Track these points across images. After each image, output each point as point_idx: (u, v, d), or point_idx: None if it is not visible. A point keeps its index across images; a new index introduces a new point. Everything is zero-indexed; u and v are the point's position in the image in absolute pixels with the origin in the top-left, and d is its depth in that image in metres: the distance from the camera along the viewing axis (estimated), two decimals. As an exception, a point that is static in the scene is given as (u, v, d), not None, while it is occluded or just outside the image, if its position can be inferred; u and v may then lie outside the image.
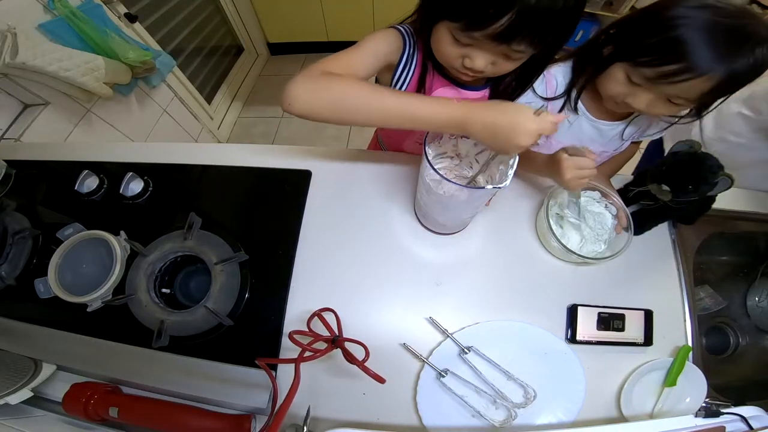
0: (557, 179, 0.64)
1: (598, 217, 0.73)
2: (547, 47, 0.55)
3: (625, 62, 0.58)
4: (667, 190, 0.61)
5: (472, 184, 0.57)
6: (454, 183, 0.51)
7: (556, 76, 0.69)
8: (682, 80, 0.51)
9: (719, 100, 0.57)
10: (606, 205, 0.73)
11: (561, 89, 0.70)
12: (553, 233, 0.67)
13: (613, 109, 0.66)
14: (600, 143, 0.74)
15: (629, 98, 0.59)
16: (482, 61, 0.54)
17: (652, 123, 0.72)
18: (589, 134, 0.73)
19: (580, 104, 0.70)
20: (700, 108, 0.60)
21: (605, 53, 0.61)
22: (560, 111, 0.71)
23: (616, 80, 0.59)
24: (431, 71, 0.65)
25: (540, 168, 0.69)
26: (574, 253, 0.66)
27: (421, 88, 0.67)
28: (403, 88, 0.67)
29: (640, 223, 0.74)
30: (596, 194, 0.73)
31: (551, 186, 0.71)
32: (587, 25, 2.12)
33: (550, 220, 0.68)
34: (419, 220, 0.73)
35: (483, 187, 0.51)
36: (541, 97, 0.70)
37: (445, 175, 0.50)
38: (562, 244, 0.66)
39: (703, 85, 0.51)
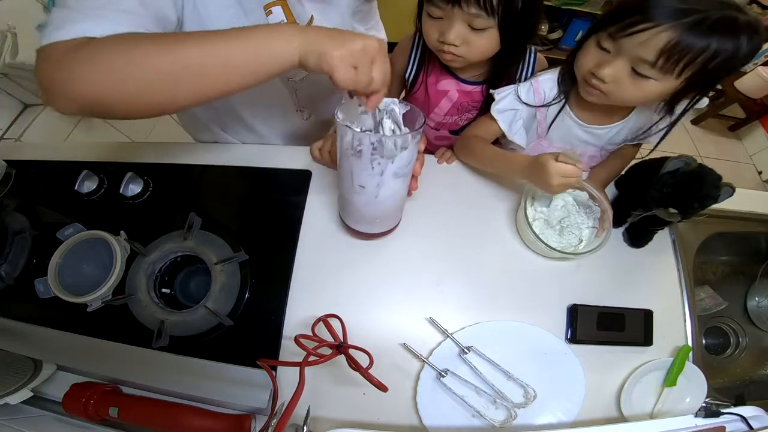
0: (539, 183, 0.62)
1: (580, 215, 0.73)
2: (509, 24, 0.61)
3: (596, 33, 0.58)
4: (674, 212, 0.61)
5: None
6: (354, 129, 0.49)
7: (543, 84, 0.69)
8: (638, 30, 0.52)
9: (689, 96, 0.58)
10: (591, 205, 0.72)
11: (549, 98, 0.70)
12: (531, 229, 0.66)
13: (588, 96, 0.63)
14: (594, 145, 0.75)
15: (597, 68, 0.58)
16: (453, 33, 0.61)
17: (645, 123, 0.70)
18: (582, 137, 0.73)
19: (570, 112, 0.70)
20: (672, 102, 0.60)
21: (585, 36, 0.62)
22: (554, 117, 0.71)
23: (587, 52, 0.60)
24: (435, 64, 0.73)
25: (519, 171, 0.67)
26: (551, 247, 0.66)
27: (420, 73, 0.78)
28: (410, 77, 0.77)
29: (640, 235, 0.74)
30: (584, 195, 0.72)
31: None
32: (587, 26, 2.11)
33: (528, 217, 0.68)
34: (346, 223, 0.68)
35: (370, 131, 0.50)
36: (527, 104, 0.70)
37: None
38: (539, 239, 0.66)
39: (659, 39, 0.51)
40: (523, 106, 0.70)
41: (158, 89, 0.41)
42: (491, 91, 0.72)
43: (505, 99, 0.70)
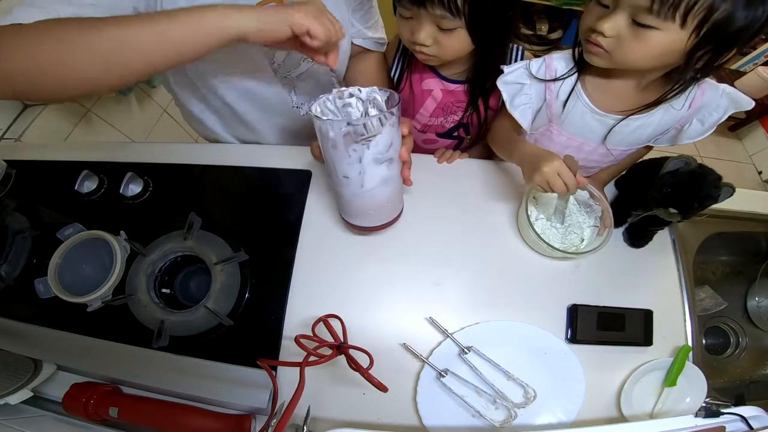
0: (529, 169, 0.60)
1: (581, 214, 0.72)
2: (479, 23, 0.61)
3: None
4: (674, 212, 0.61)
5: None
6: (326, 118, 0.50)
7: (556, 61, 0.67)
8: None
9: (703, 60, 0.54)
10: (591, 204, 0.72)
11: (561, 74, 0.68)
12: (533, 229, 0.66)
13: (591, 58, 0.60)
14: (606, 144, 0.72)
15: (598, 24, 0.55)
16: (423, 33, 0.61)
17: (671, 124, 0.67)
18: (594, 128, 0.70)
19: (582, 94, 0.67)
20: (688, 61, 0.55)
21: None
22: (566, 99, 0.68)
23: (588, 11, 0.58)
24: (417, 63, 0.73)
25: (519, 153, 0.66)
26: (554, 247, 0.65)
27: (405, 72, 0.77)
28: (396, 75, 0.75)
29: (640, 235, 0.74)
30: (585, 194, 0.72)
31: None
32: (587, 25, 2.12)
33: (530, 217, 0.67)
34: (345, 220, 0.67)
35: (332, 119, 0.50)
36: (538, 78, 0.68)
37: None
38: (541, 239, 0.66)
39: None
40: (532, 82, 0.68)
41: (82, 68, 0.42)
42: (502, 67, 0.70)
43: (513, 72, 0.69)
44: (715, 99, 0.63)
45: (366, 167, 0.52)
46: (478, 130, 0.86)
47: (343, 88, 0.52)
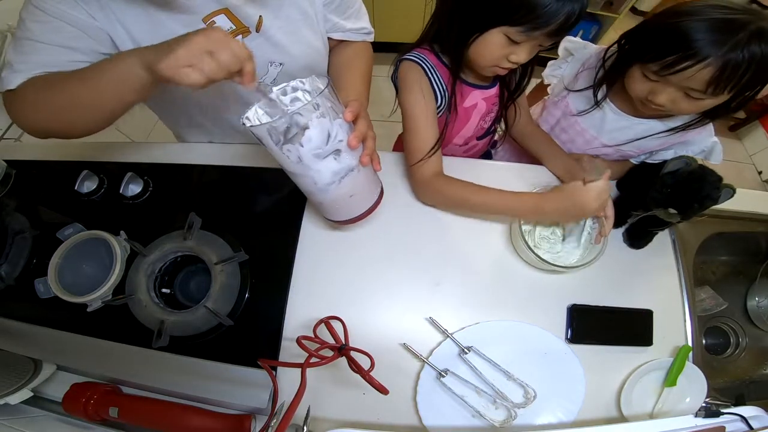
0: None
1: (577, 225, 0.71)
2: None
3: (638, 62, 0.61)
4: (674, 212, 0.61)
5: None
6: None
7: (573, 103, 0.75)
8: (682, 68, 0.54)
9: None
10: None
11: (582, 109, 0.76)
12: (526, 243, 0.65)
13: (646, 111, 0.68)
14: (625, 135, 0.74)
15: (651, 95, 0.61)
16: (526, 54, 0.60)
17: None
18: (614, 125, 0.74)
19: (607, 99, 0.72)
20: (717, 110, 0.61)
21: (621, 56, 0.66)
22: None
23: (635, 79, 0.63)
24: (458, 83, 0.70)
25: (553, 168, 0.78)
26: (548, 262, 0.65)
27: (451, 99, 0.70)
28: (442, 112, 0.71)
29: (640, 236, 0.74)
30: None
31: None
32: (587, 25, 2.12)
33: (522, 231, 0.67)
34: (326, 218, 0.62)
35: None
36: (566, 88, 0.75)
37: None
38: (537, 255, 0.65)
39: (704, 73, 0.53)
40: (559, 77, 0.77)
41: (70, 117, 0.52)
42: (543, 75, 0.82)
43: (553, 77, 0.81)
44: (702, 141, 0.70)
45: (309, 165, 0.49)
46: (507, 118, 0.84)
47: (286, 83, 0.51)
